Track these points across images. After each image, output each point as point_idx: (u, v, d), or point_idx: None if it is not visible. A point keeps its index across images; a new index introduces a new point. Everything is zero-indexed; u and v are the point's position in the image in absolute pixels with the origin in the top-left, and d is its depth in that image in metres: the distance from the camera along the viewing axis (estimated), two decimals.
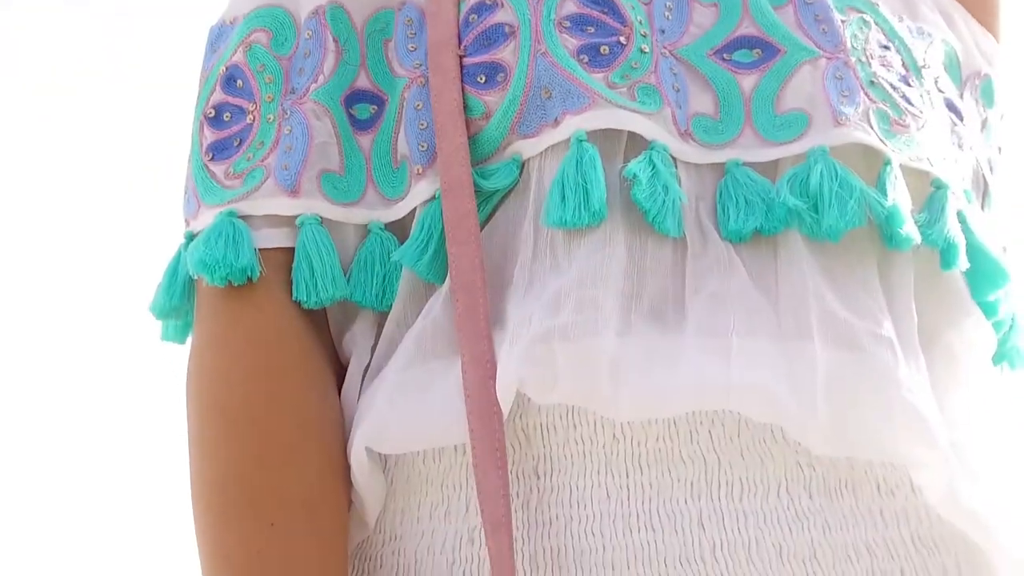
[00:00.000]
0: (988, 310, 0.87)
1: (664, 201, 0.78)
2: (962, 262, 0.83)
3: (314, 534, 0.77)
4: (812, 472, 0.78)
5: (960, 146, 0.88)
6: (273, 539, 0.76)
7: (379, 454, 0.81)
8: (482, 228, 0.82)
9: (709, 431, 0.77)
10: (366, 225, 0.84)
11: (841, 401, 0.75)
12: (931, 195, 0.83)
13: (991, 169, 0.94)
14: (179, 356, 0.87)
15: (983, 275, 0.86)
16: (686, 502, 0.77)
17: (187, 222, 0.85)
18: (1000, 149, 0.96)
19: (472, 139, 0.82)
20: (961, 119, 0.89)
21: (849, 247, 0.80)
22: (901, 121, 0.82)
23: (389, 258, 0.83)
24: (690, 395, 0.75)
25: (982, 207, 0.92)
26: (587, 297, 0.76)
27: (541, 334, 0.76)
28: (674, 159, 0.80)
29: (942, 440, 0.77)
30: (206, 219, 0.83)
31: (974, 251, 0.85)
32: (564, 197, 0.78)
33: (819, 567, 0.76)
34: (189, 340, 0.87)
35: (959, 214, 0.85)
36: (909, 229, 0.79)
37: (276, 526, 0.77)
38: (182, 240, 0.86)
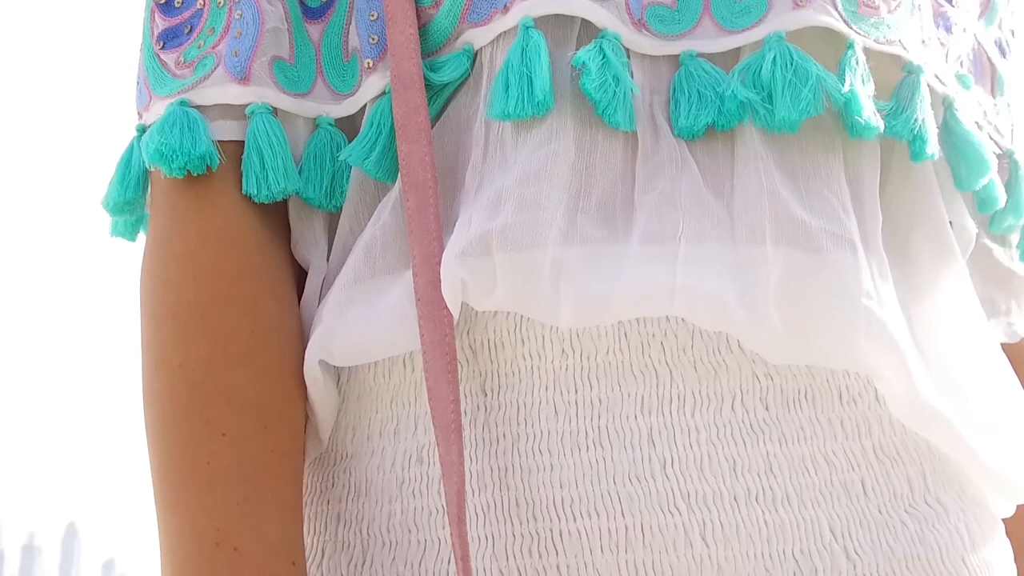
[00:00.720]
0: (984, 201, 0.84)
1: (615, 92, 0.74)
2: (933, 152, 0.78)
3: (267, 443, 0.76)
4: (770, 383, 0.75)
5: (948, 28, 0.84)
6: (224, 448, 0.74)
7: (333, 369, 0.79)
8: (434, 124, 0.79)
9: (661, 343, 0.75)
10: (315, 120, 0.82)
11: (794, 307, 0.72)
12: (901, 81, 0.78)
13: (1003, 52, 0.89)
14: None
15: (969, 164, 0.82)
16: (636, 418, 0.74)
17: (139, 114, 0.83)
18: (1014, 32, 0.92)
19: (423, 30, 0.79)
20: (951, 1, 0.85)
21: (812, 140, 0.76)
22: (870, 2, 0.77)
23: (338, 156, 0.80)
24: (633, 300, 0.72)
25: (992, 93, 0.88)
26: (529, 196, 0.73)
27: (479, 236, 0.73)
28: (627, 50, 0.76)
29: (905, 347, 0.74)
30: (157, 110, 0.80)
31: (959, 140, 0.81)
32: (508, 87, 0.75)
33: (775, 480, 0.74)
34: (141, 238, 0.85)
35: (945, 100, 0.81)
36: (869, 116, 0.75)
37: (227, 435, 0.75)
38: (134, 133, 0.83)
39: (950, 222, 0.82)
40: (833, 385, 0.76)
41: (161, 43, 0.82)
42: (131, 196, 0.83)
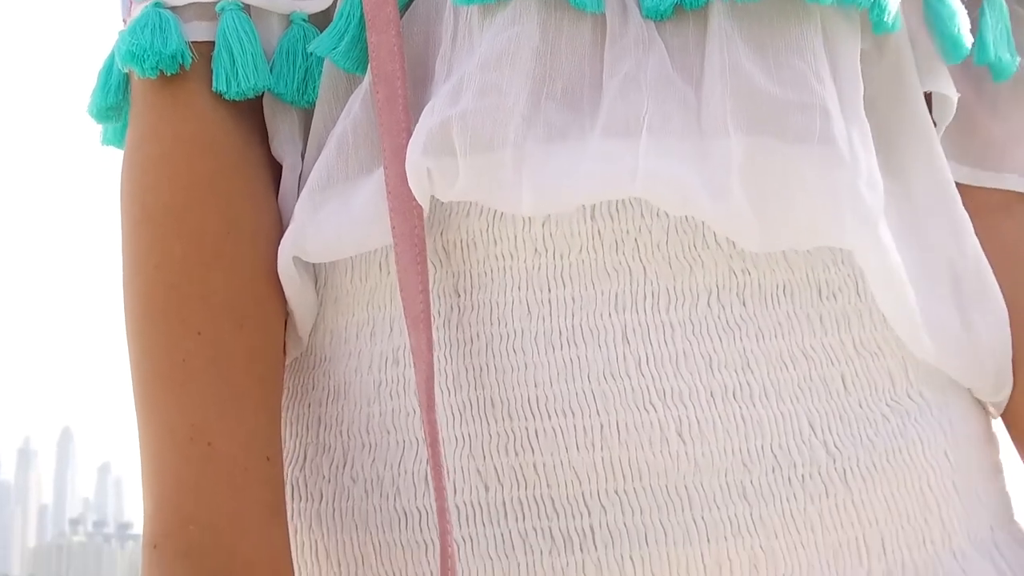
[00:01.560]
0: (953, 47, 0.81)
1: None
2: (894, 23, 0.75)
3: (242, 342, 0.75)
4: (747, 278, 0.75)
5: None
6: (199, 347, 0.74)
7: (311, 267, 0.79)
8: (403, 14, 0.78)
9: (635, 240, 0.74)
10: (289, 15, 0.81)
11: (758, 182, 0.71)
12: None
13: None
14: None
15: (949, 38, 0.79)
16: (610, 316, 0.74)
17: (124, 22, 0.82)
18: None
19: None
20: None
21: (784, 12, 0.74)
22: None
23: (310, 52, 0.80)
24: (595, 182, 0.71)
25: None
26: (490, 81, 0.72)
27: (440, 123, 0.72)
28: None
29: (881, 229, 0.72)
30: (135, 14, 0.80)
31: (937, 10, 0.79)
32: None
33: (752, 376, 0.74)
34: None
35: None
36: None
37: (203, 334, 0.75)
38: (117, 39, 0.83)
39: (930, 93, 0.81)
40: (812, 280, 0.75)
41: None
42: (112, 101, 0.82)
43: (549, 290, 0.74)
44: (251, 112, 0.81)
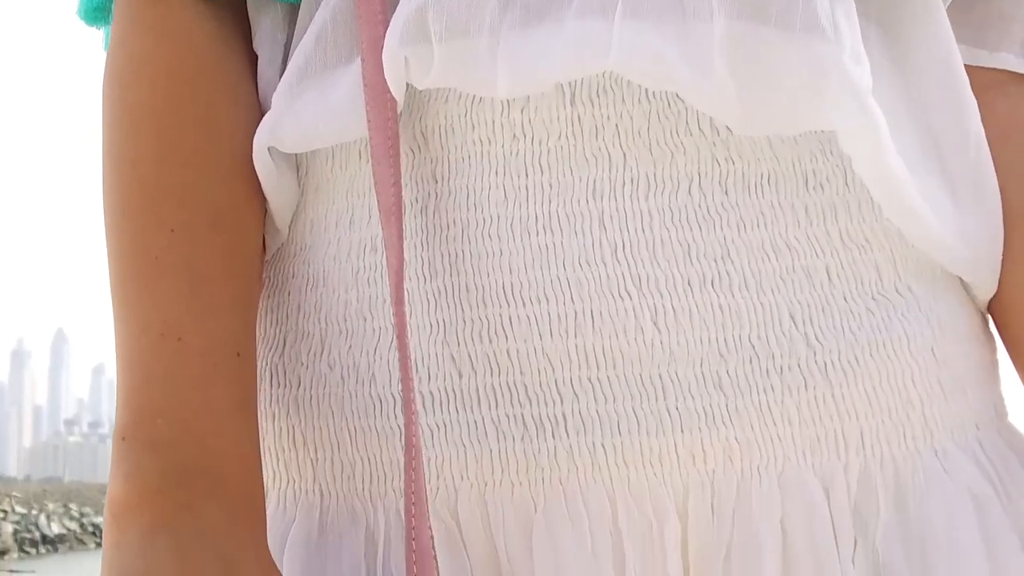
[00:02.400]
0: None
1: None
2: None
3: (216, 239, 0.75)
4: (731, 167, 0.73)
5: None
6: (172, 244, 0.74)
7: (290, 158, 0.79)
8: None
9: (616, 125, 0.73)
10: None
11: (743, 61, 0.69)
12: None
13: None
14: None
15: None
16: (587, 202, 0.73)
17: None
18: None
19: None
20: None
21: None
22: None
23: None
24: (570, 59, 0.69)
25: None
26: None
27: (415, 11, 0.71)
28: None
29: (869, 103, 0.70)
30: None
31: None
32: None
33: (732, 266, 0.72)
34: None
35: None
36: None
37: (176, 232, 0.74)
38: None
39: None
40: (799, 170, 0.74)
41: None
42: (99, 1, 0.82)
43: (526, 175, 0.73)
44: (233, 10, 0.80)
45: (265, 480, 0.79)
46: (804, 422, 0.72)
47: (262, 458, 0.79)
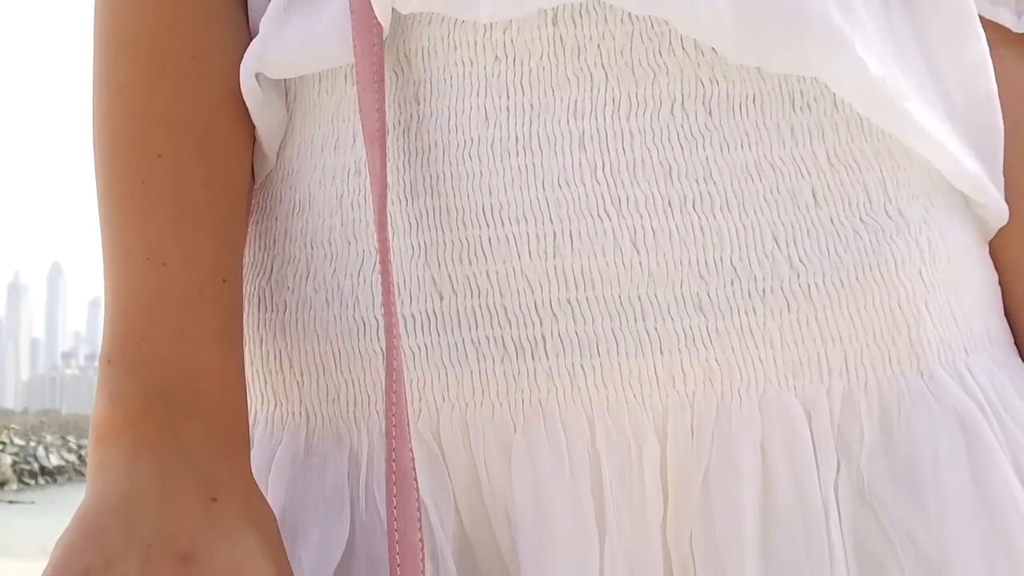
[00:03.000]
0: None
1: None
2: None
3: (203, 168, 0.75)
4: (715, 87, 0.72)
5: None
6: (159, 170, 0.74)
7: (280, 85, 0.79)
8: None
9: (598, 45, 0.72)
10: None
11: None
12: None
13: None
14: None
15: None
16: (568, 122, 0.72)
17: None
18: None
19: None
20: None
21: None
22: None
23: None
24: None
25: None
26: None
27: None
28: None
29: (851, 40, 0.70)
30: None
31: None
32: None
33: (714, 187, 0.72)
34: None
35: None
36: None
37: (163, 157, 0.75)
38: None
39: None
40: (786, 90, 0.73)
41: None
42: None
43: (508, 96, 0.73)
44: None
45: (253, 403, 0.80)
46: (786, 344, 0.72)
47: (250, 382, 0.79)
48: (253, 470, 0.76)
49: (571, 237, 0.71)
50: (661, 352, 0.71)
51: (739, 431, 0.71)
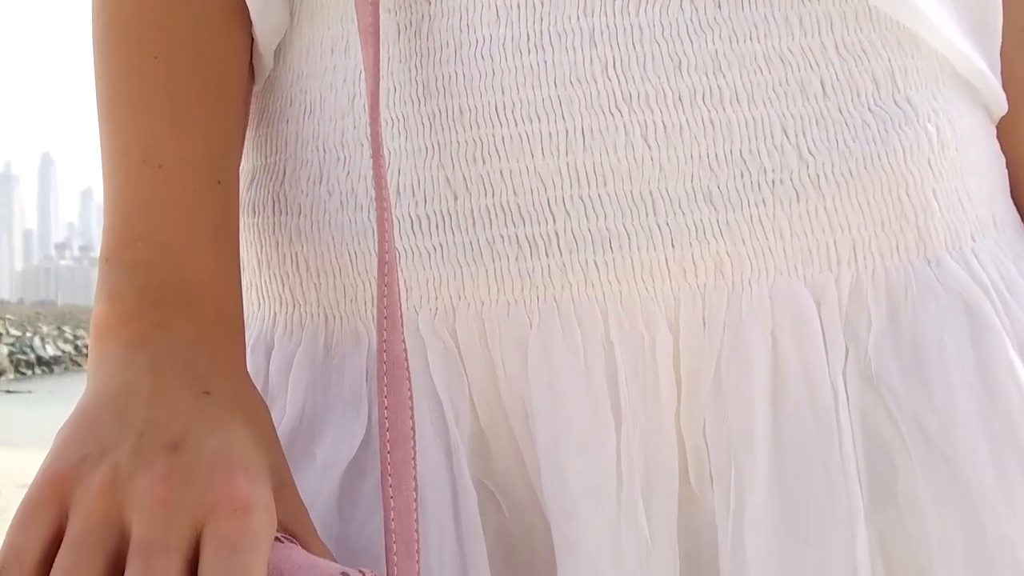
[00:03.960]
0: None
1: None
2: None
3: (200, 69, 0.75)
4: None
5: None
6: (155, 71, 0.74)
7: None
8: None
9: None
10: None
11: None
12: None
13: None
14: None
15: None
16: (578, 19, 0.72)
17: None
18: None
19: None
20: None
21: None
22: None
23: None
24: None
25: None
26: None
27: None
28: None
29: None
30: None
31: None
32: None
33: (723, 79, 0.72)
34: None
35: None
36: None
37: (159, 59, 0.75)
38: None
39: None
40: None
41: None
42: None
43: None
44: None
45: (273, 306, 0.81)
46: (795, 235, 0.73)
47: (267, 285, 0.80)
48: (273, 372, 0.78)
49: (583, 134, 0.72)
50: (673, 245, 0.72)
51: (750, 320, 0.73)
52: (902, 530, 0.72)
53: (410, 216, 0.74)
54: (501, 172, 0.73)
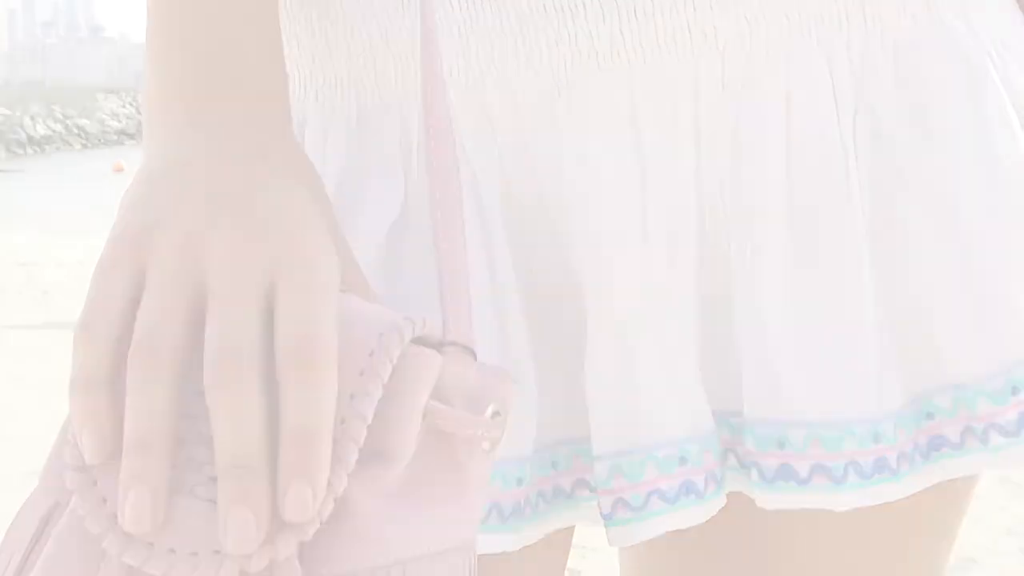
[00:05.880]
0: None
1: None
2: None
3: None
4: None
5: None
6: None
7: None
8: None
9: None
10: None
11: None
12: None
13: None
14: None
15: None
16: None
17: None
18: None
19: None
20: None
21: None
22: None
23: None
24: None
25: None
26: None
27: None
28: None
29: None
30: None
31: None
32: None
33: None
34: None
35: None
36: None
37: None
38: None
39: None
40: None
41: None
42: None
43: None
44: None
45: (304, 81, 0.83)
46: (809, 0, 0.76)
47: (298, 60, 0.83)
48: (309, 145, 0.80)
49: None
50: (695, 9, 0.75)
51: (766, 82, 0.77)
52: (901, 254, 0.78)
53: None
54: None
